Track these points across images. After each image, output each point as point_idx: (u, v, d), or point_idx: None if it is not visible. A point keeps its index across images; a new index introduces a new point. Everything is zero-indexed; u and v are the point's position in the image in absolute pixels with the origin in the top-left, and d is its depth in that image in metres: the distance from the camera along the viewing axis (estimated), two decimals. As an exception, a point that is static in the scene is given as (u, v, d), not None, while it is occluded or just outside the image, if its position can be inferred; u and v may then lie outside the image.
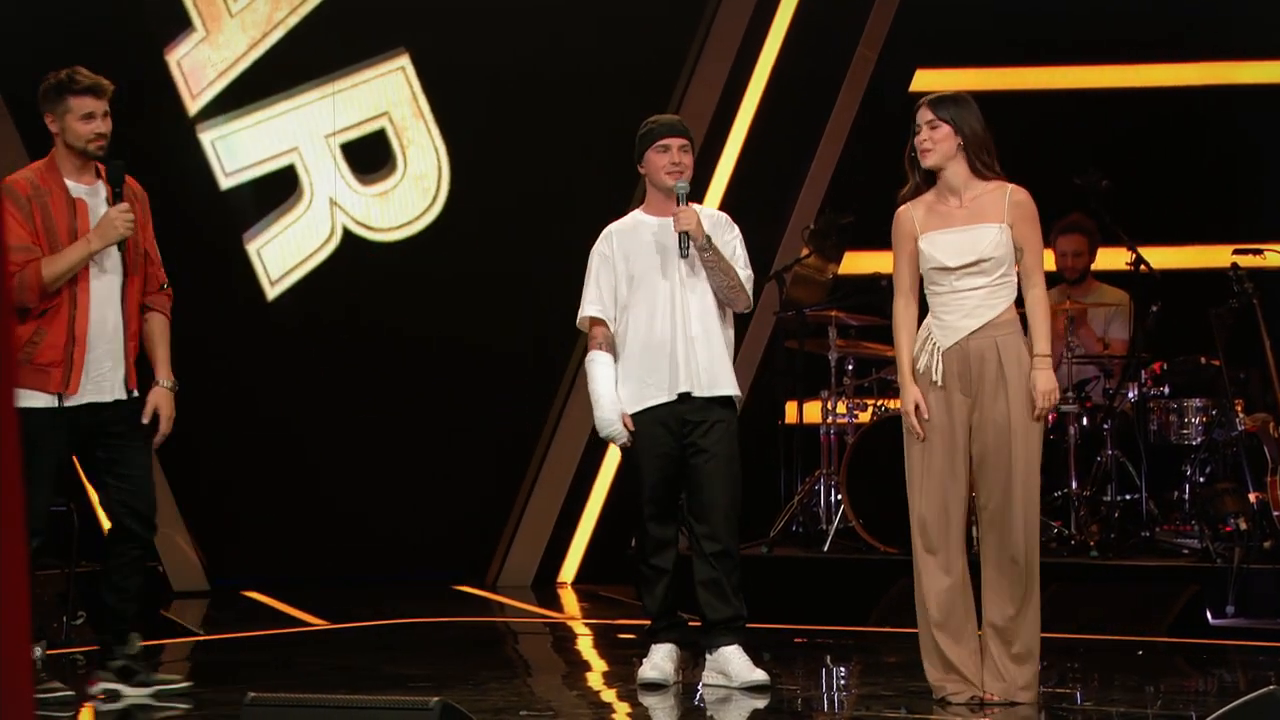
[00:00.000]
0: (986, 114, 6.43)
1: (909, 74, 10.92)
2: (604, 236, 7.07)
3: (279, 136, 10.87)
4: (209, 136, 10.81)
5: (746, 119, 11.11)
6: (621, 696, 7.13)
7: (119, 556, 6.77)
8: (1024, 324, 6.41)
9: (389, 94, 10.97)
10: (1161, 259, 9.82)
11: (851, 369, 9.87)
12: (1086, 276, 10.01)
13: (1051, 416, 9.23)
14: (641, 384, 6.91)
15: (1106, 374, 9.74)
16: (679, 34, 11.13)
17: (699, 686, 6.95)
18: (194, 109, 10.79)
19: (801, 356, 9.99)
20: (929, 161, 6.37)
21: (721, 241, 6.91)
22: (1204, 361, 9.40)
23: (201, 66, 10.78)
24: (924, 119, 6.37)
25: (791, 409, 10.07)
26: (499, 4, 11.05)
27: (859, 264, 10.42)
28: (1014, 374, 6.30)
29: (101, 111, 6.71)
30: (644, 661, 7.03)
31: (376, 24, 10.99)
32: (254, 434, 10.78)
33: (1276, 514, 8.79)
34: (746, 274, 6.96)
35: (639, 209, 7.12)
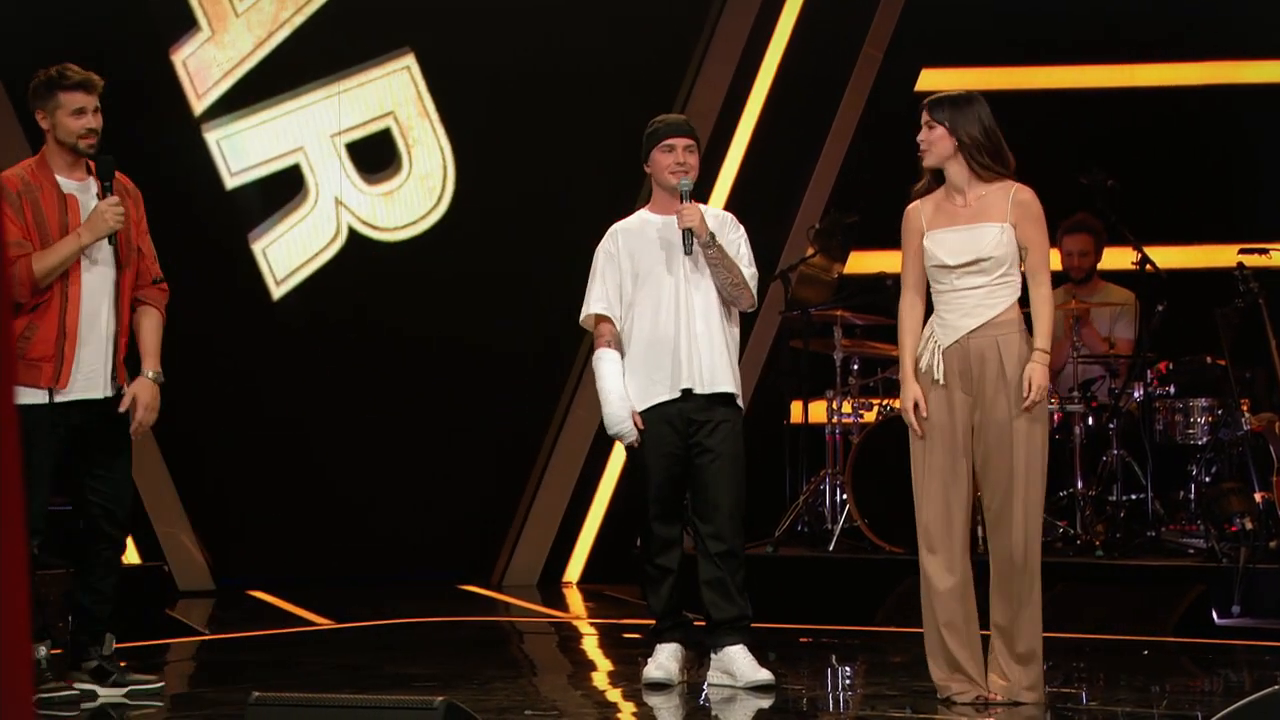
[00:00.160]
0: (993, 113, 6.42)
1: (914, 73, 10.91)
2: (609, 235, 7.07)
3: (284, 136, 10.87)
4: (214, 136, 10.80)
5: (751, 119, 11.11)
6: (627, 696, 7.13)
7: (93, 557, 6.70)
8: (1028, 323, 6.40)
9: (394, 94, 10.96)
10: (1167, 258, 9.81)
11: (857, 368, 9.87)
12: (1092, 276, 9.99)
13: (1057, 416, 9.28)
14: (646, 380, 6.91)
15: (1112, 373, 9.73)
16: (684, 34, 11.13)
17: (704, 686, 6.94)
18: (199, 109, 10.78)
19: (806, 356, 9.98)
20: (926, 162, 6.42)
21: (726, 240, 6.90)
22: (1210, 361, 9.39)
23: (207, 66, 10.78)
24: (923, 120, 6.40)
25: (797, 408, 10.08)
26: (504, 4, 11.04)
27: (864, 263, 10.42)
28: (1015, 374, 6.28)
29: (92, 107, 6.68)
30: (649, 661, 7.02)
31: (382, 24, 10.98)
32: (259, 433, 10.77)
33: (1282, 513, 8.79)
34: (751, 272, 6.96)
35: (645, 208, 7.13)
